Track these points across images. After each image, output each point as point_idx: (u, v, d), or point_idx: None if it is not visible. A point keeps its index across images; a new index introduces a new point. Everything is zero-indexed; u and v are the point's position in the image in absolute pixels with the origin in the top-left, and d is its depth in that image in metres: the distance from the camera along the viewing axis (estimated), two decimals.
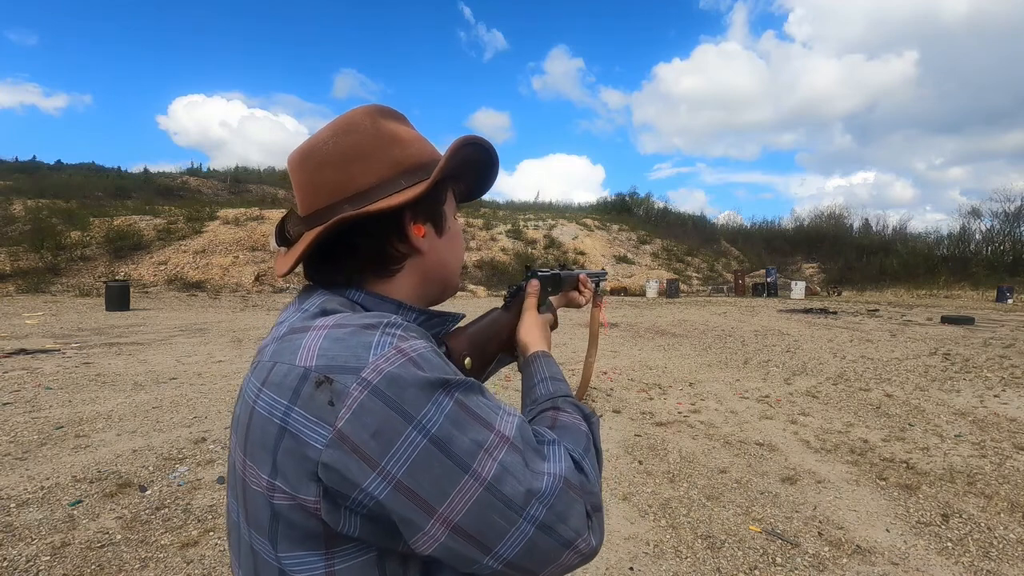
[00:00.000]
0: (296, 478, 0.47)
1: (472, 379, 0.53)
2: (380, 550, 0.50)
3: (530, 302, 0.84)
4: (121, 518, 2.76)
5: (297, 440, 0.47)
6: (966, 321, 13.20)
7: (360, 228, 0.59)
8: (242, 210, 26.56)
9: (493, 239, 30.53)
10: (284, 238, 0.62)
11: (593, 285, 1.06)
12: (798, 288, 25.38)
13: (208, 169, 46.11)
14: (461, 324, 0.75)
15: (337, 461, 0.45)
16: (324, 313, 0.56)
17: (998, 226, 35.73)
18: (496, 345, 0.78)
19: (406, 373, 0.47)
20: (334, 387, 0.47)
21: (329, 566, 0.49)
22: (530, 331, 0.79)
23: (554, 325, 0.98)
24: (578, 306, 1.02)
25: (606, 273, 1.16)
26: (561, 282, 0.98)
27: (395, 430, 0.45)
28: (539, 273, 0.90)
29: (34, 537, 2.54)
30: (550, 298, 0.99)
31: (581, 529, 0.50)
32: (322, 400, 0.47)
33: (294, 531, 0.49)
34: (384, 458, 0.45)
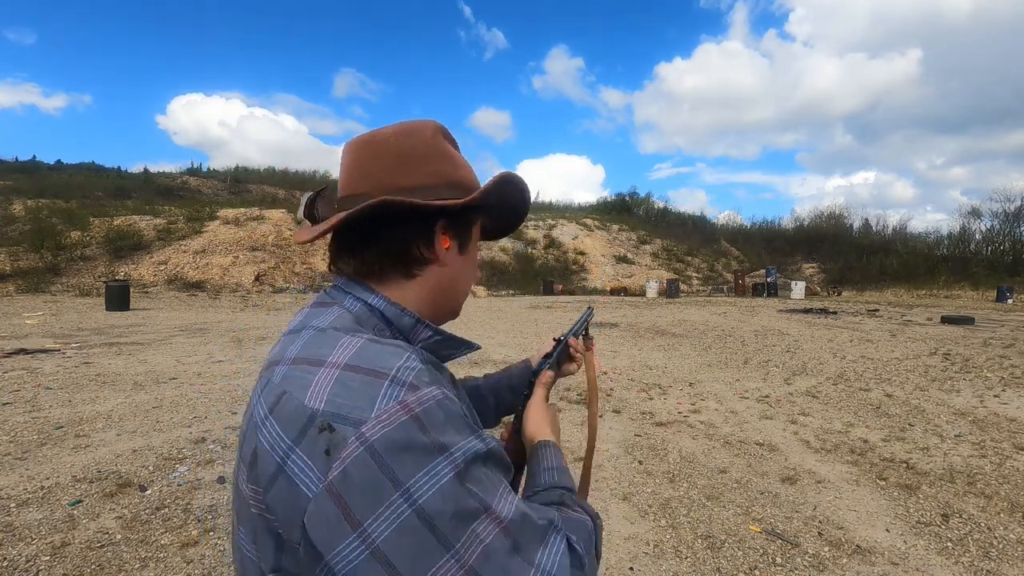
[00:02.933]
0: (285, 518, 0.47)
1: (482, 444, 0.51)
2: None
3: (539, 393, 0.83)
4: (121, 518, 2.76)
5: (290, 483, 0.47)
6: (966, 321, 13.20)
7: (393, 220, 0.61)
8: (242, 210, 26.57)
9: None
10: (312, 213, 0.64)
11: (582, 337, 1.01)
12: (798, 288, 25.37)
13: (208, 169, 46.18)
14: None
15: (320, 513, 0.45)
16: (336, 331, 0.56)
17: (998, 226, 35.78)
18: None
19: (405, 434, 0.46)
20: (334, 437, 0.46)
21: None
22: (537, 422, 0.78)
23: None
24: (572, 373, 0.99)
25: (591, 310, 1.12)
26: (560, 357, 0.95)
27: (383, 492, 0.44)
28: (548, 363, 0.88)
29: (34, 537, 2.54)
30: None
31: None
32: (321, 448, 0.46)
33: (288, 559, 0.49)
34: (366, 520, 0.44)
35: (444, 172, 0.63)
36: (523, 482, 0.71)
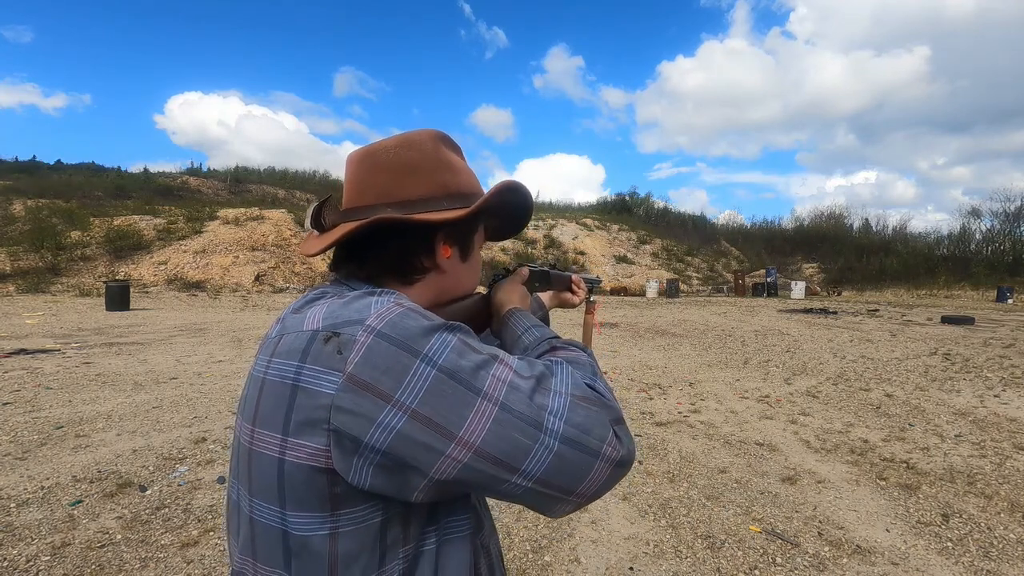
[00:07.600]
0: (308, 431, 0.49)
1: (468, 327, 0.55)
2: (385, 516, 0.51)
3: (511, 278, 0.85)
4: (121, 518, 2.76)
5: (309, 393, 0.49)
6: (966, 321, 13.19)
7: (395, 233, 0.62)
8: (242, 210, 26.54)
9: None
10: (319, 222, 0.65)
11: (586, 288, 1.05)
12: (798, 288, 25.37)
13: (208, 169, 46.09)
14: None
15: (350, 402, 0.47)
16: (323, 295, 0.59)
17: (998, 226, 35.75)
18: (476, 324, 0.77)
19: (407, 318, 0.51)
20: (341, 338, 0.50)
21: (333, 528, 0.50)
22: (507, 292, 0.80)
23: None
24: (571, 306, 1.03)
25: (599, 280, 1.15)
26: (551, 280, 0.97)
27: (404, 365, 0.48)
28: (528, 267, 0.91)
29: (34, 537, 2.54)
30: (541, 297, 0.98)
31: (605, 437, 0.50)
32: (331, 351, 0.49)
33: (302, 491, 0.50)
34: (397, 391, 0.47)
35: (445, 183, 0.64)
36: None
